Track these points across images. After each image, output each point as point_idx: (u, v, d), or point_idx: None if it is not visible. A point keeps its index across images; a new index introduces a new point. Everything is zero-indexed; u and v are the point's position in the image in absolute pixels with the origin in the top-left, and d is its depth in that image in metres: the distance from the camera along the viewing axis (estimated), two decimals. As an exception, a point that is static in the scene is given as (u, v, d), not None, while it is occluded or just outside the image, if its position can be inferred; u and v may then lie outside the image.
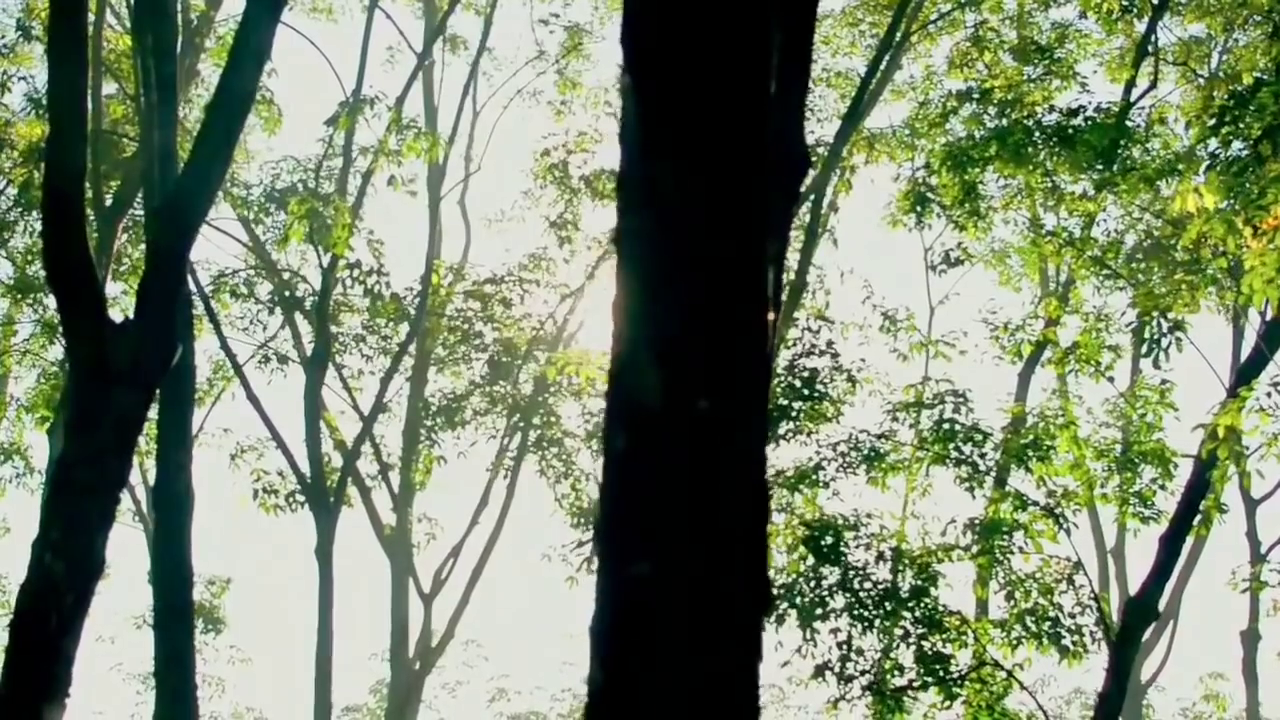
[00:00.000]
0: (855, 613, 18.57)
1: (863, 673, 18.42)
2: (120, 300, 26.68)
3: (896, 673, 18.55)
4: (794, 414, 18.28)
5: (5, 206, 25.56)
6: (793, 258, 26.22)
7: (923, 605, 18.54)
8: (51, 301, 26.75)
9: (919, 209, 19.51)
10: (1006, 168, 18.51)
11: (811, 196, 23.85)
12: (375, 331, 26.51)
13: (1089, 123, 18.62)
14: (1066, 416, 18.77)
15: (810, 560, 18.48)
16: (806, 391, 18.47)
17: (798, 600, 18.44)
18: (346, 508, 25.46)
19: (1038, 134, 18.74)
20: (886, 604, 18.63)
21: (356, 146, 25.26)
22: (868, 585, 18.51)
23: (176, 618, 16.11)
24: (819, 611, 18.61)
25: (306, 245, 25.25)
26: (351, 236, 21.50)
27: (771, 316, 6.03)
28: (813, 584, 18.56)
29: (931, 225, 20.44)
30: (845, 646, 18.46)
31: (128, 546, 38.75)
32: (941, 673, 18.40)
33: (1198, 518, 17.86)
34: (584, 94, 29.52)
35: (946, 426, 18.36)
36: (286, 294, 25.66)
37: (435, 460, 26.76)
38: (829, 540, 18.33)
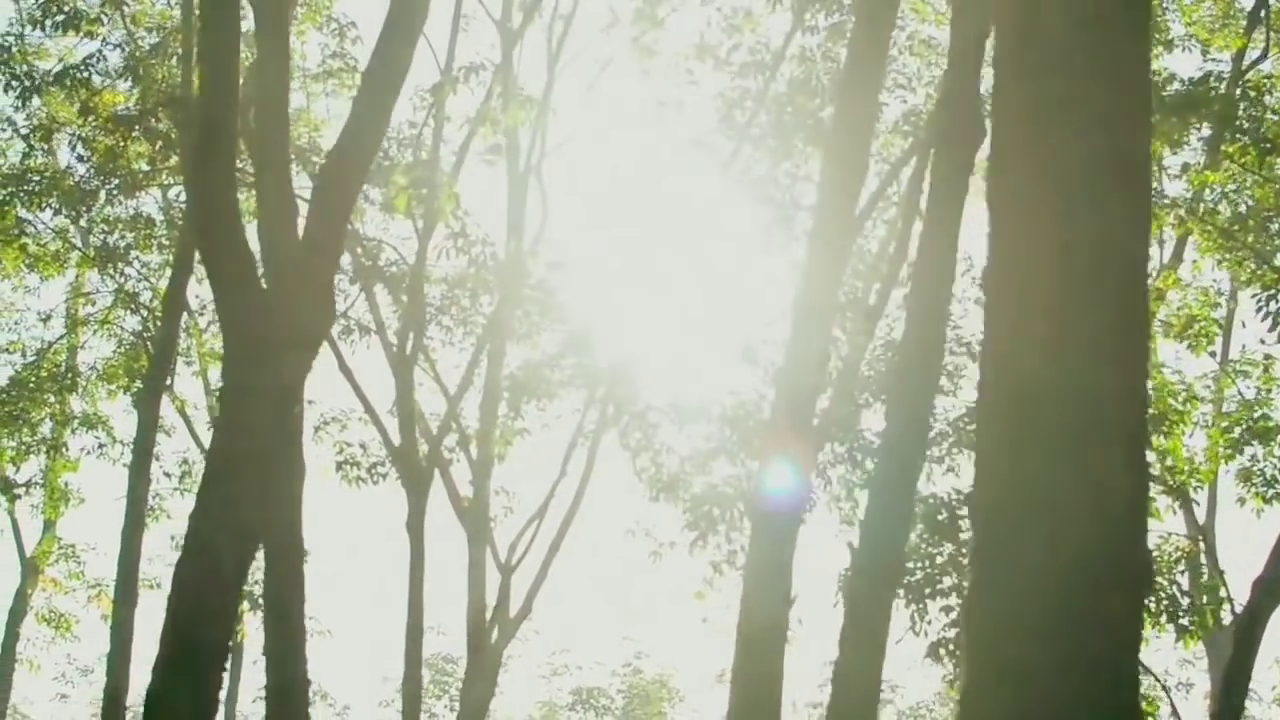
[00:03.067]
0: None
1: (978, 651, 18.08)
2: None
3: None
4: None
5: (84, 174, 25.26)
6: (879, 232, 25.91)
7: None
8: (131, 270, 26.62)
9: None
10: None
11: (909, 169, 23.49)
12: (456, 302, 26.25)
13: (1211, 91, 18.30)
14: (1188, 391, 18.44)
15: (922, 536, 18.19)
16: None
17: (908, 578, 18.12)
18: (427, 480, 25.23)
19: (1155, 102, 18.38)
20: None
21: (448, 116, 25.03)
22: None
23: (290, 587, 15.96)
24: (928, 590, 18.32)
25: (386, 214, 25.05)
26: (456, 205, 21.31)
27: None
28: (924, 562, 18.26)
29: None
30: (959, 625, 18.17)
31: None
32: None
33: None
34: (663, 62, 29.08)
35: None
36: (368, 264, 25.40)
37: (519, 434, 26.50)
38: (944, 516, 18.04)
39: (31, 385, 28.38)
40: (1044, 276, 5.19)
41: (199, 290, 26.72)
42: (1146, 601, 18.09)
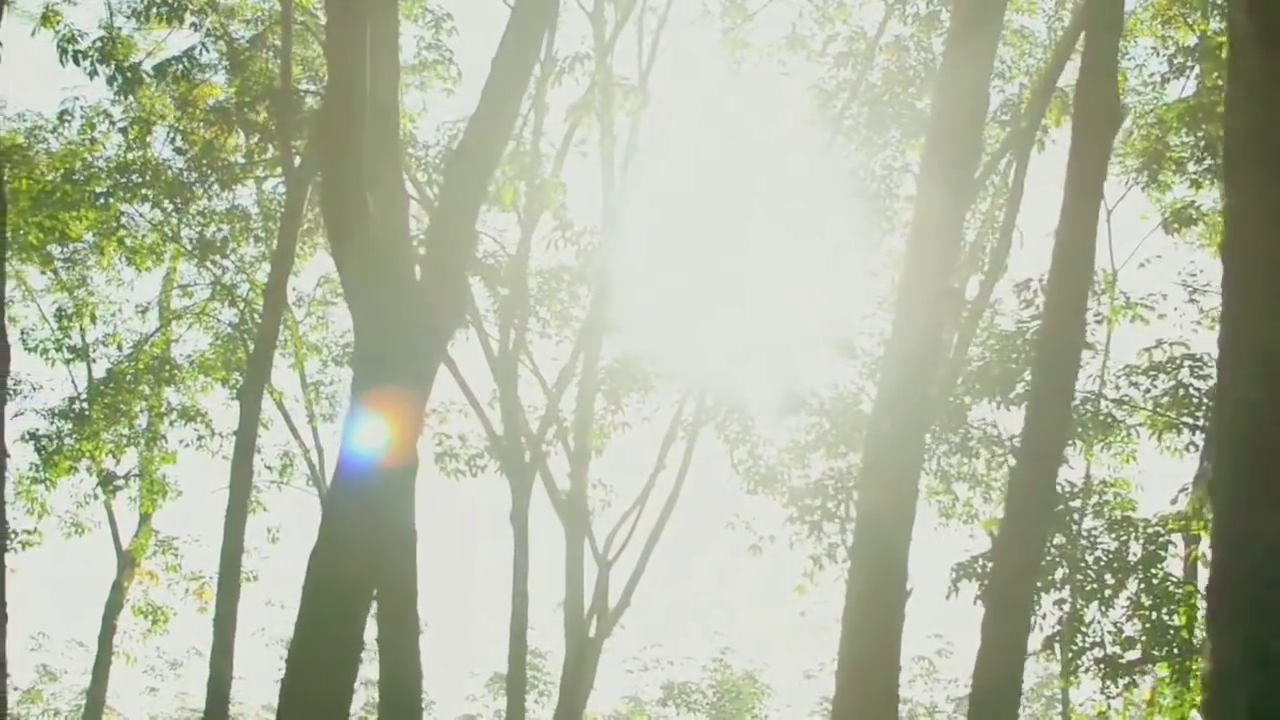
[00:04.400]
0: (1081, 584, 18.05)
1: (1092, 645, 17.87)
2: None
3: (1126, 647, 17.96)
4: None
5: (182, 167, 25.28)
6: (975, 222, 25.58)
7: (1151, 575, 17.97)
8: (228, 263, 26.70)
9: (1154, 166, 18.90)
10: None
11: (1006, 156, 23.24)
12: (553, 295, 26.16)
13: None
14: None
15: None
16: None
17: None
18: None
19: None
20: (1109, 574, 18.09)
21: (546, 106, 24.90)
22: (1097, 553, 17.98)
23: (403, 578, 15.83)
24: (1040, 582, 18.07)
25: (484, 205, 24.94)
26: (563, 195, 21.24)
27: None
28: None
29: (1168, 184, 19.81)
30: (1071, 619, 17.94)
31: (303, 512, 38.73)
32: (1172, 647, 17.84)
33: None
34: (755, 53, 28.85)
35: (1182, 393, 17.78)
36: (466, 256, 25.33)
37: (618, 427, 26.38)
38: (1058, 506, 17.81)
39: (129, 378, 28.48)
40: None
41: (295, 283, 26.78)
42: None
